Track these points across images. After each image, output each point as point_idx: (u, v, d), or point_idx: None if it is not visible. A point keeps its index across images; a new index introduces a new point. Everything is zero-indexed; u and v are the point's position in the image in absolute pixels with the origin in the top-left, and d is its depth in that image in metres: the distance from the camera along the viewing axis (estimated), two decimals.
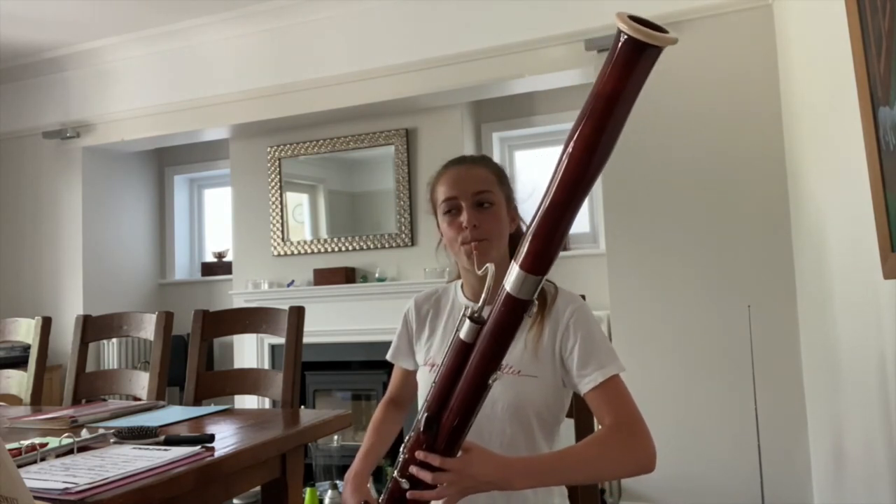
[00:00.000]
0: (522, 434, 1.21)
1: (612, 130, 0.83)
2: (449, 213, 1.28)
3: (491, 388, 0.97)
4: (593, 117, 0.82)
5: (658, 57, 0.79)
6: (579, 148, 0.83)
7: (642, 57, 0.79)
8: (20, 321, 2.36)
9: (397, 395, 1.46)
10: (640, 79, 0.81)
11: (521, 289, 0.90)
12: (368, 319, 3.86)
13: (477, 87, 3.56)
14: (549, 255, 0.89)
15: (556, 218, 0.87)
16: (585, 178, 0.85)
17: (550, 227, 0.87)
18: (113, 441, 1.32)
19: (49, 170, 4.50)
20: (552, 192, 0.86)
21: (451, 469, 1.00)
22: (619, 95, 0.81)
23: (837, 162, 2.07)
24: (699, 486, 2.86)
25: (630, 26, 0.76)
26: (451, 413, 0.99)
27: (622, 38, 0.78)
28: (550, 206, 0.87)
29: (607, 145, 0.83)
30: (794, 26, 2.62)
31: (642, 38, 0.76)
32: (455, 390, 0.98)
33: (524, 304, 0.91)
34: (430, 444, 1.01)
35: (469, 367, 0.96)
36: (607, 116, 0.82)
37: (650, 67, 0.80)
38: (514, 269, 0.90)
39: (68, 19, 3.92)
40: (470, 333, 0.96)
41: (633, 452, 1.11)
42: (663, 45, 0.78)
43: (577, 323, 1.22)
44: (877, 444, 1.82)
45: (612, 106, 0.81)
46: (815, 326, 2.55)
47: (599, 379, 1.16)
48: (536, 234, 0.88)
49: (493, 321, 0.94)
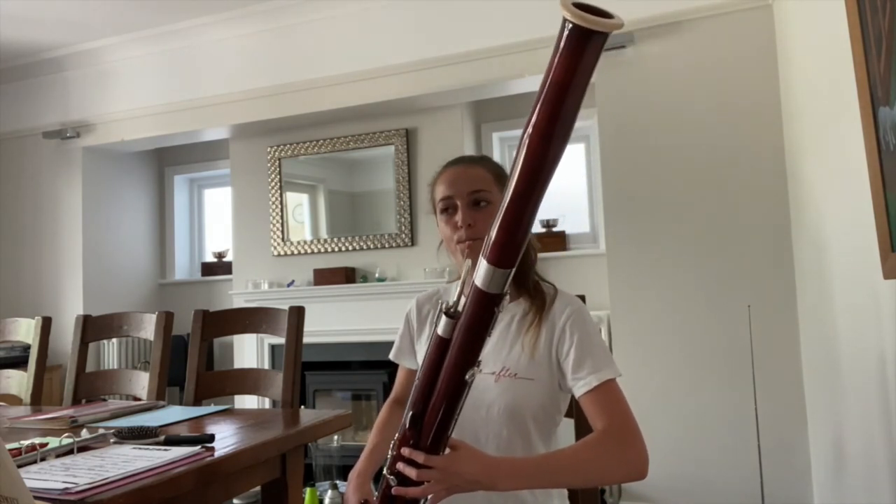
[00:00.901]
0: (519, 437, 1.21)
1: (566, 117, 0.82)
2: (446, 211, 1.29)
3: (471, 384, 0.96)
4: (546, 106, 0.82)
5: (605, 42, 0.79)
6: (535, 137, 0.83)
7: (589, 44, 0.79)
8: (20, 321, 2.36)
9: (402, 394, 1.46)
10: (589, 65, 0.80)
11: (489, 283, 0.89)
12: (368, 319, 3.86)
13: (477, 87, 3.56)
14: (514, 247, 0.88)
15: (519, 209, 0.86)
16: (544, 166, 0.84)
17: (513, 219, 0.87)
18: (113, 441, 1.32)
19: (49, 170, 4.49)
20: (512, 184, 0.86)
21: (436, 466, 1.00)
22: (569, 83, 0.81)
23: (837, 162, 2.07)
24: (699, 486, 2.86)
25: (573, 13, 0.76)
26: (433, 409, 0.99)
27: (567, 26, 0.78)
28: (511, 198, 0.86)
29: (563, 133, 0.83)
30: (794, 26, 2.62)
31: (586, 24, 0.76)
32: (436, 386, 0.98)
33: (494, 298, 0.90)
34: (415, 440, 1.01)
35: (447, 363, 0.96)
36: (560, 104, 0.82)
37: (598, 52, 0.80)
38: (482, 264, 0.90)
39: (68, 19, 3.92)
40: (446, 328, 0.96)
41: (624, 458, 1.11)
42: (608, 31, 0.77)
43: (574, 325, 1.22)
44: (877, 444, 1.82)
45: (564, 94, 0.81)
46: (815, 326, 2.55)
47: (594, 382, 1.16)
48: (500, 227, 0.88)
49: (465, 316, 0.93)
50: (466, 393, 0.98)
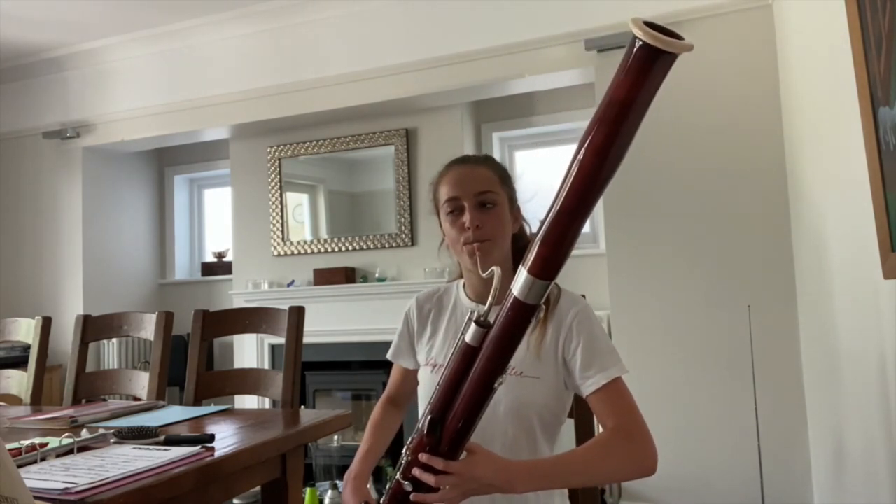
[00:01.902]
0: (524, 435, 1.21)
1: (624, 138, 0.82)
2: (451, 213, 1.28)
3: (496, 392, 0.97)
4: (605, 124, 0.81)
5: (673, 64, 0.78)
6: (590, 155, 0.83)
7: (657, 64, 0.78)
8: (20, 321, 2.36)
9: (396, 393, 1.46)
10: (653, 86, 0.80)
11: (528, 293, 0.90)
12: (368, 319, 3.86)
13: (477, 87, 3.56)
14: (557, 260, 0.89)
15: (566, 224, 0.87)
16: (596, 185, 0.84)
17: (560, 233, 0.87)
18: (113, 441, 1.32)
19: (49, 170, 4.49)
20: (562, 198, 0.86)
21: (455, 472, 1.00)
22: (632, 103, 0.80)
23: (837, 162, 2.07)
24: (699, 487, 2.86)
25: (646, 33, 0.75)
26: (455, 416, 0.99)
27: (637, 44, 0.77)
28: (560, 212, 0.86)
29: (618, 153, 0.83)
30: (794, 26, 2.62)
31: (658, 45, 0.75)
32: (460, 393, 0.98)
33: (531, 309, 0.91)
34: (433, 446, 1.01)
35: (475, 371, 0.96)
36: (619, 123, 0.81)
37: (664, 75, 0.79)
38: (522, 274, 0.90)
39: (68, 19, 3.92)
40: (476, 337, 0.96)
41: (634, 456, 1.11)
42: (679, 53, 0.76)
43: (581, 324, 1.22)
44: (877, 444, 1.82)
45: (625, 113, 0.80)
46: (815, 326, 2.55)
47: (602, 381, 1.16)
48: (545, 240, 0.88)
49: (500, 325, 0.94)
50: (490, 400, 0.98)
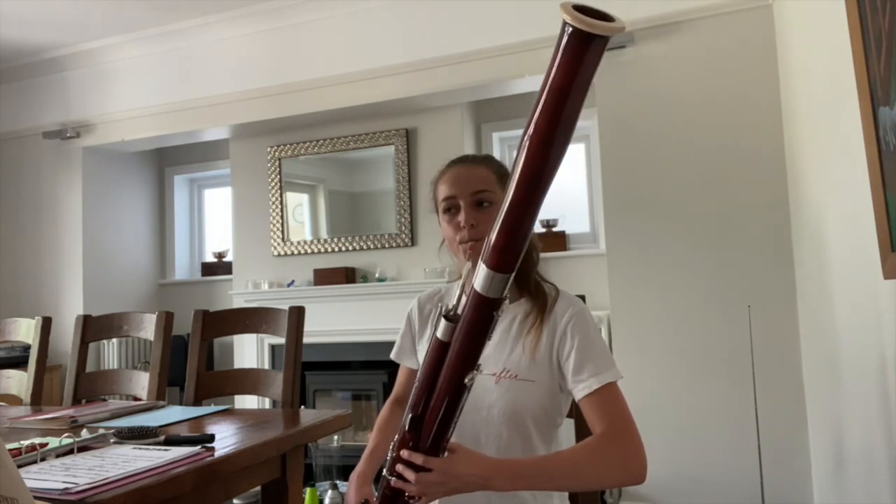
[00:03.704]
0: (519, 438, 1.21)
1: (567, 122, 0.81)
2: (448, 211, 1.28)
3: (471, 388, 0.96)
4: (546, 110, 0.81)
5: (605, 45, 0.78)
6: (535, 143, 0.82)
7: (590, 47, 0.77)
8: (20, 321, 2.36)
9: (403, 393, 1.46)
10: (589, 69, 0.79)
11: (489, 287, 0.89)
12: (368, 319, 3.86)
13: (477, 87, 3.56)
14: (513, 252, 0.87)
15: (518, 214, 0.86)
16: (543, 172, 0.83)
17: (513, 224, 0.86)
18: (113, 441, 1.32)
19: (49, 170, 4.49)
20: (512, 188, 0.85)
21: (435, 468, 1.00)
22: (569, 88, 0.79)
23: (837, 162, 2.07)
24: (699, 487, 2.86)
25: (573, 17, 0.74)
26: (432, 412, 0.99)
27: (567, 29, 0.77)
28: (511, 202, 0.85)
29: (563, 138, 0.82)
30: (794, 26, 2.62)
31: (586, 28, 0.74)
32: (435, 389, 0.98)
33: (493, 303, 0.90)
34: (414, 442, 1.01)
35: (446, 367, 0.96)
36: (560, 109, 0.80)
37: (599, 56, 0.78)
38: (481, 268, 0.89)
39: (68, 19, 3.92)
40: (446, 332, 0.95)
41: (622, 462, 1.10)
42: (609, 35, 0.75)
43: (575, 327, 1.21)
44: (877, 444, 1.82)
45: (564, 98, 0.80)
46: (815, 326, 2.55)
47: (594, 385, 1.15)
48: (500, 232, 0.87)
49: (465, 320, 0.93)
50: (466, 396, 0.98)
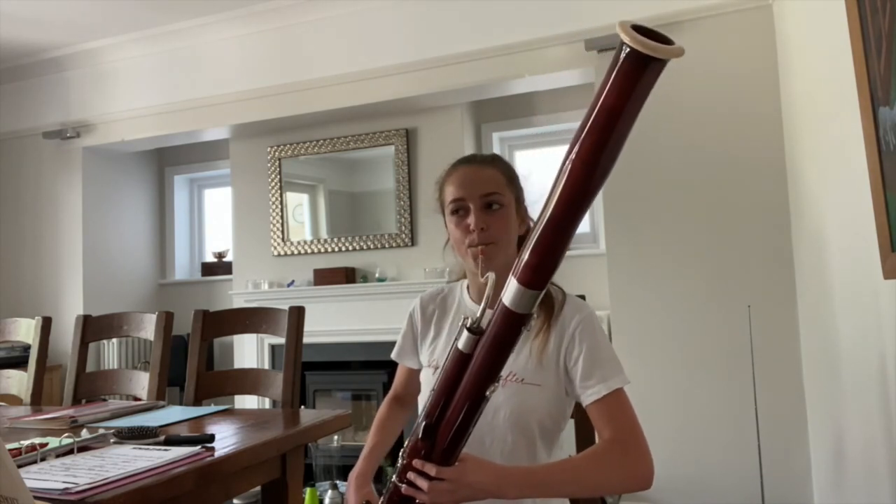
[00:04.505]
0: (524, 442, 1.21)
1: (614, 145, 0.79)
2: (456, 213, 1.25)
3: (489, 399, 0.96)
4: (594, 132, 0.78)
5: (662, 69, 0.75)
6: (579, 164, 0.80)
7: (646, 70, 0.74)
8: (20, 321, 2.36)
9: (402, 392, 1.46)
10: (643, 92, 0.76)
11: (519, 303, 0.88)
12: (368, 319, 3.86)
13: (477, 87, 3.56)
14: (547, 269, 0.86)
15: (556, 233, 0.84)
16: (586, 194, 0.82)
17: (550, 243, 0.85)
18: (113, 441, 1.32)
19: (49, 170, 4.49)
20: (551, 206, 0.83)
21: (447, 478, 1.00)
22: (621, 110, 0.77)
23: (837, 162, 2.07)
24: (699, 487, 2.86)
25: (633, 38, 0.71)
26: (448, 423, 0.98)
27: (624, 49, 0.74)
28: (550, 221, 0.84)
29: (608, 161, 0.80)
30: (794, 26, 2.62)
31: (646, 51, 0.71)
32: (453, 400, 0.97)
33: (522, 318, 0.89)
34: (427, 452, 1.00)
35: (467, 379, 0.95)
36: (609, 131, 0.78)
37: (654, 80, 0.76)
38: (512, 283, 0.88)
39: (68, 19, 3.92)
40: (468, 344, 0.94)
41: (629, 469, 1.11)
42: (668, 58, 0.73)
43: (583, 333, 1.20)
44: (877, 444, 1.82)
45: (614, 121, 0.77)
46: (815, 326, 2.55)
47: (603, 392, 1.15)
48: (535, 249, 0.86)
49: (491, 334, 0.92)
50: (483, 407, 0.97)
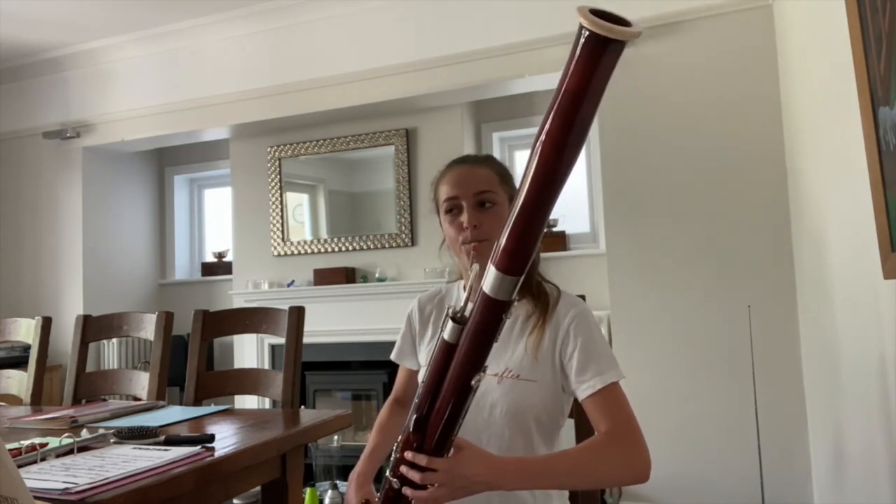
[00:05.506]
0: (521, 438, 1.21)
1: (580, 127, 0.81)
2: (450, 212, 1.28)
3: (476, 389, 0.96)
4: (560, 114, 0.81)
5: (622, 50, 0.77)
6: (548, 146, 0.82)
7: (606, 52, 0.77)
8: (20, 321, 2.36)
9: (402, 394, 1.46)
10: (605, 74, 0.79)
11: (498, 290, 0.89)
12: (368, 319, 3.86)
13: (477, 87, 3.56)
14: (524, 255, 0.87)
15: (529, 217, 0.86)
16: (556, 176, 0.83)
17: (524, 227, 0.86)
18: (113, 441, 1.32)
19: (49, 170, 4.49)
20: (524, 191, 0.85)
21: (440, 469, 1.00)
22: (584, 92, 0.79)
23: (837, 162, 2.07)
24: (699, 486, 2.86)
25: (591, 21, 0.74)
26: (437, 413, 0.98)
27: (584, 33, 0.77)
28: (523, 205, 0.85)
29: (576, 142, 0.82)
30: (794, 26, 2.62)
31: (604, 32, 0.74)
32: (441, 391, 0.97)
33: (502, 305, 0.90)
34: (419, 444, 1.01)
35: (452, 368, 0.96)
36: (574, 113, 0.80)
37: (615, 61, 0.78)
38: (491, 270, 0.89)
39: (68, 19, 3.92)
40: (453, 334, 0.95)
41: (627, 461, 1.11)
42: (626, 40, 0.75)
43: (578, 328, 1.21)
44: (877, 444, 1.82)
45: (579, 102, 0.80)
46: (815, 326, 2.55)
47: (598, 385, 1.15)
48: (511, 235, 0.87)
49: (473, 322, 0.93)
50: (471, 398, 0.98)
